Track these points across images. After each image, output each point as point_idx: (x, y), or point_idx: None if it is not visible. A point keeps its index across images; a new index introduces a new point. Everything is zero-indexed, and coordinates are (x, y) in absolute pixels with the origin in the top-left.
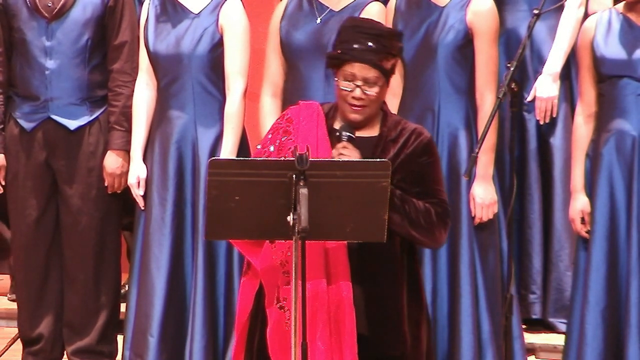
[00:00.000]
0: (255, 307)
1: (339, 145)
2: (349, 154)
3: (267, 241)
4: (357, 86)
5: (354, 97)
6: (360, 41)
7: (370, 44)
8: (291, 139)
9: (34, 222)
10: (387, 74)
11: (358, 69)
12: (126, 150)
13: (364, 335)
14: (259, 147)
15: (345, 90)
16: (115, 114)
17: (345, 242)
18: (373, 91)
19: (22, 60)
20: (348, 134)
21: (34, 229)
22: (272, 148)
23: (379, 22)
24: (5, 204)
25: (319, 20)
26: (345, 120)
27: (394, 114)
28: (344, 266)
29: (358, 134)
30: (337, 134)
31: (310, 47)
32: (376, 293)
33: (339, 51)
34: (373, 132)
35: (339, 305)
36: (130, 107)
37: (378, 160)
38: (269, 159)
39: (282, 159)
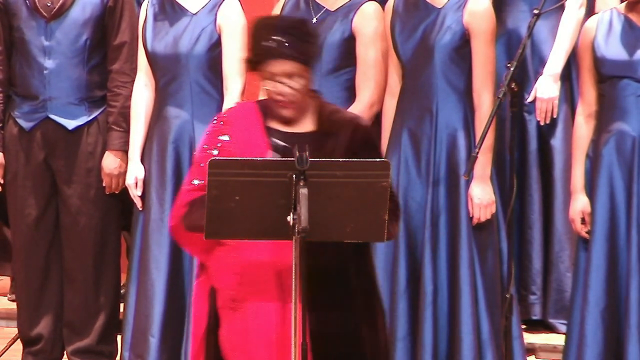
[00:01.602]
0: (209, 308)
1: None
2: None
3: (222, 248)
4: (280, 83)
5: (279, 94)
6: (271, 38)
7: (281, 38)
8: (229, 141)
9: (34, 222)
10: (307, 64)
11: (276, 66)
12: (124, 150)
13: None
14: (198, 152)
15: (270, 89)
16: (114, 115)
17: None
18: (296, 84)
19: (21, 60)
20: (281, 144)
21: (33, 229)
22: (215, 152)
23: (285, 16)
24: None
25: (314, 20)
26: (279, 118)
27: (331, 104)
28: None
29: (294, 130)
30: (272, 146)
31: None
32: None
33: (254, 54)
34: (309, 127)
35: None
36: (129, 108)
37: (378, 160)
38: (269, 159)
39: (282, 159)
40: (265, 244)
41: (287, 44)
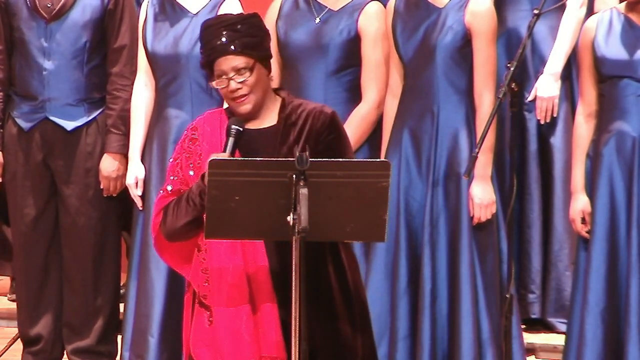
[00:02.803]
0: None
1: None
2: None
3: (196, 250)
4: (230, 79)
5: (231, 91)
6: (216, 36)
7: (225, 33)
8: (198, 145)
9: (32, 221)
10: (255, 56)
11: (224, 63)
12: (122, 153)
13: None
14: (171, 160)
15: (222, 87)
16: (113, 117)
17: (266, 264)
18: (247, 77)
19: (21, 60)
20: (236, 127)
21: (32, 228)
22: (184, 158)
23: (230, 13)
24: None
25: (317, 20)
26: (239, 116)
27: (296, 99)
28: (268, 289)
29: (256, 126)
30: (226, 129)
31: (310, 47)
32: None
33: (203, 56)
34: (271, 121)
35: (266, 331)
36: (128, 110)
37: (378, 160)
38: (269, 159)
39: (282, 159)
40: (236, 247)
41: (228, 39)
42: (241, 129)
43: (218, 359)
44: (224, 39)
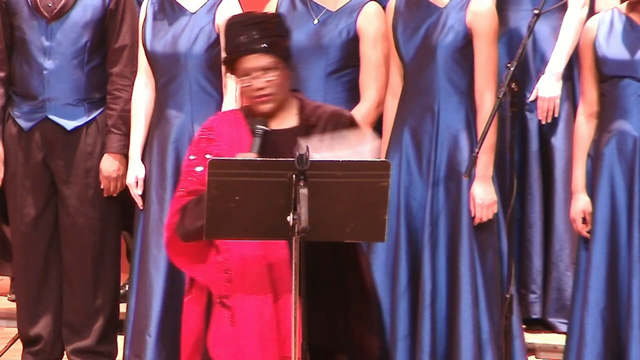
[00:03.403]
0: (203, 323)
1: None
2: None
3: (213, 250)
4: (255, 77)
5: (256, 89)
6: (243, 34)
7: (253, 32)
8: (215, 145)
9: (32, 221)
10: (281, 57)
11: (250, 61)
12: (123, 154)
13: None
14: (192, 157)
15: (247, 85)
16: (113, 118)
17: (287, 256)
18: (272, 76)
19: (21, 59)
20: (262, 127)
21: (32, 228)
22: (201, 158)
23: (255, 11)
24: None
25: (316, 21)
26: (260, 115)
27: (312, 101)
28: (289, 280)
29: (277, 126)
30: (251, 129)
31: (310, 48)
32: (321, 305)
33: (228, 53)
34: (292, 122)
35: (286, 321)
36: (128, 111)
37: (378, 160)
38: (269, 159)
39: (282, 159)
40: (258, 244)
41: (258, 38)
42: (268, 129)
43: (239, 359)
44: (252, 37)
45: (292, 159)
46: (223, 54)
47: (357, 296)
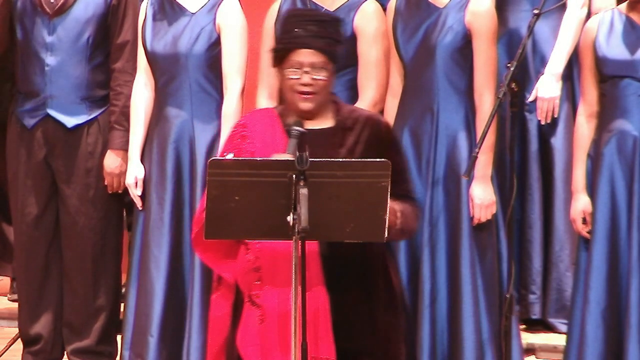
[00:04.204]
0: (234, 320)
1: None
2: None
3: (243, 248)
4: (305, 72)
5: (302, 84)
6: (304, 28)
7: (314, 29)
8: (249, 142)
9: (34, 221)
10: (333, 60)
11: (304, 55)
12: (126, 150)
13: (338, 343)
14: (227, 155)
15: (293, 78)
16: (116, 114)
17: (317, 249)
18: (322, 76)
19: (24, 56)
20: (299, 129)
21: (33, 228)
22: (231, 155)
23: (319, 10)
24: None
25: None
26: (297, 111)
27: (347, 104)
28: (318, 273)
29: (313, 126)
30: (287, 129)
31: None
32: (349, 300)
33: (284, 42)
34: (328, 123)
35: (316, 313)
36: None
37: (378, 160)
38: (269, 159)
39: (282, 159)
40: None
41: (319, 35)
42: (305, 131)
43: (269, 358)
44: (312, 33)
45: (292, 159)
46: (269, 45)
47: (386, 302)
